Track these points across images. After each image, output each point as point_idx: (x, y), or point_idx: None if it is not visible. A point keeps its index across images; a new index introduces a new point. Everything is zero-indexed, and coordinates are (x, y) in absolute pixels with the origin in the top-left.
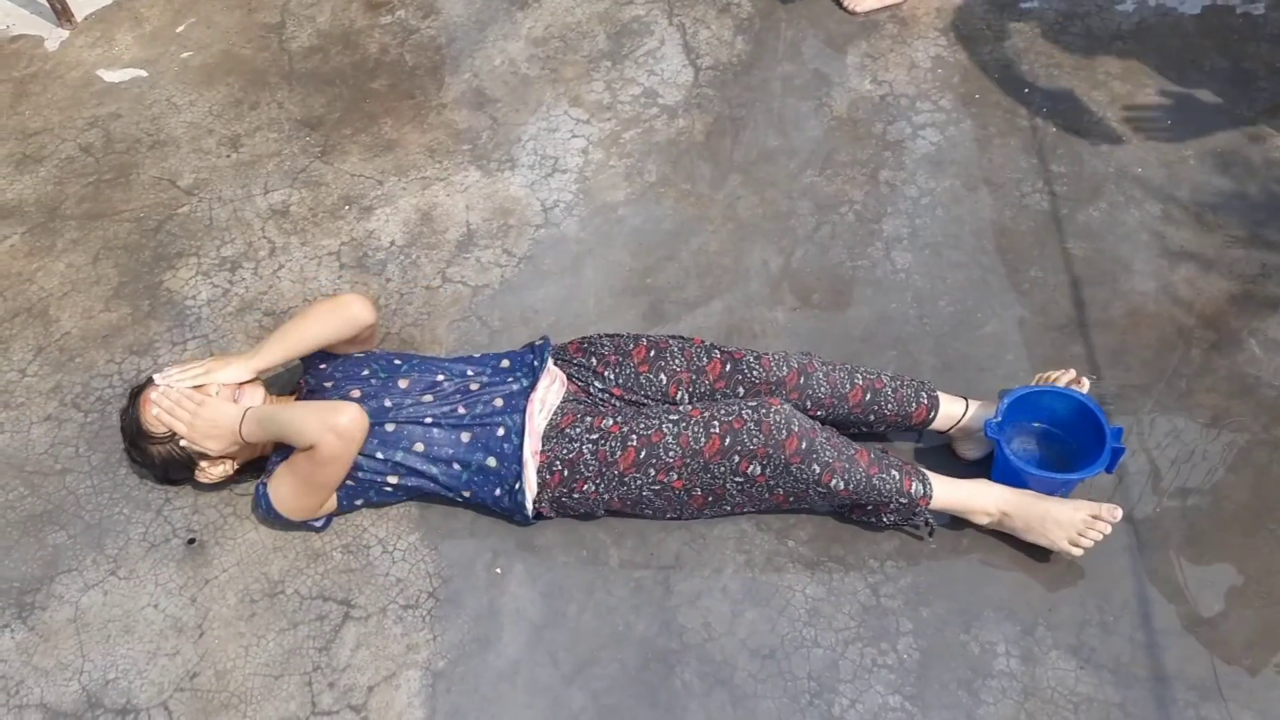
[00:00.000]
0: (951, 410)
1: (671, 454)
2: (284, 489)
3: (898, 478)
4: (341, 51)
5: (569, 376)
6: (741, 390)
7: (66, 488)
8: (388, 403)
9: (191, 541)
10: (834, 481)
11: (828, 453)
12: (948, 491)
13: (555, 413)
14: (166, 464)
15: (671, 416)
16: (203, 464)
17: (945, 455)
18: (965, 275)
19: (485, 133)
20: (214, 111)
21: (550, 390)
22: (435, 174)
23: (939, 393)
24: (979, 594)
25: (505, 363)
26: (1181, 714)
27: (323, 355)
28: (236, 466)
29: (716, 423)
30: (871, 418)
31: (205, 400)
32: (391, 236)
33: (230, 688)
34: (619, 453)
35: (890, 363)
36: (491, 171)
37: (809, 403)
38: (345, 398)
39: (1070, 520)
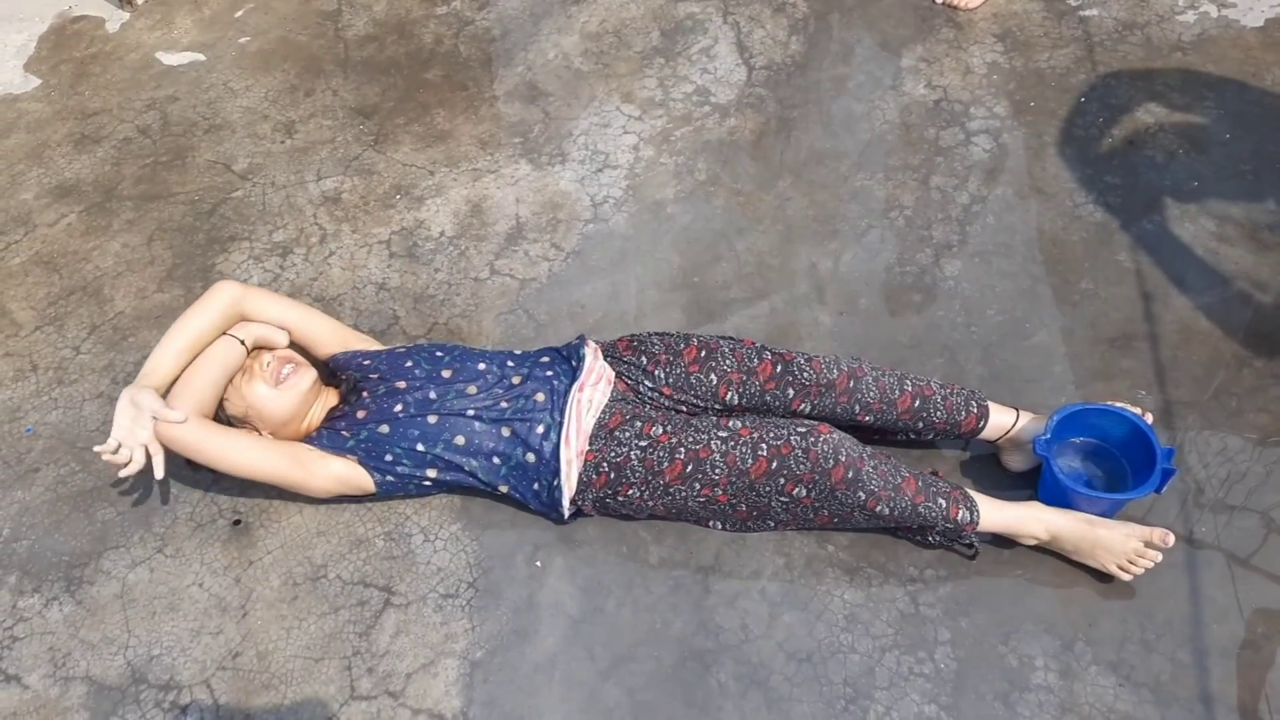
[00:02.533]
0: (1001, 420)
1: (718, 471)
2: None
3: (944, 505)
4: (397, 41)
5: (619, 374)
6: (791, 392)
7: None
8: (432, 394)
9: (237, 523)
10: (879, 508)
11: (874, 481)
12: (995, 515)
13: (604, 412)
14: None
15: (720, 434)
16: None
17: (991, 465)
18: (1015, 285)
19: (537, 126)
20: (269, 97)
21: (597, 389)
22: (486, 166)
23: (989, 402)
24: (1019, 606)
25: (545, 359)
26: None
27: (362, 351)
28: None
29: (765, 445)
30: (920, 425)
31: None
32: (441, 227)
33: (271, 668)
34: (665, 464)
35: (937, 371)
36: (542, 165)
37: (858, 407)
38: (392, 389)
39: (1121, 547)
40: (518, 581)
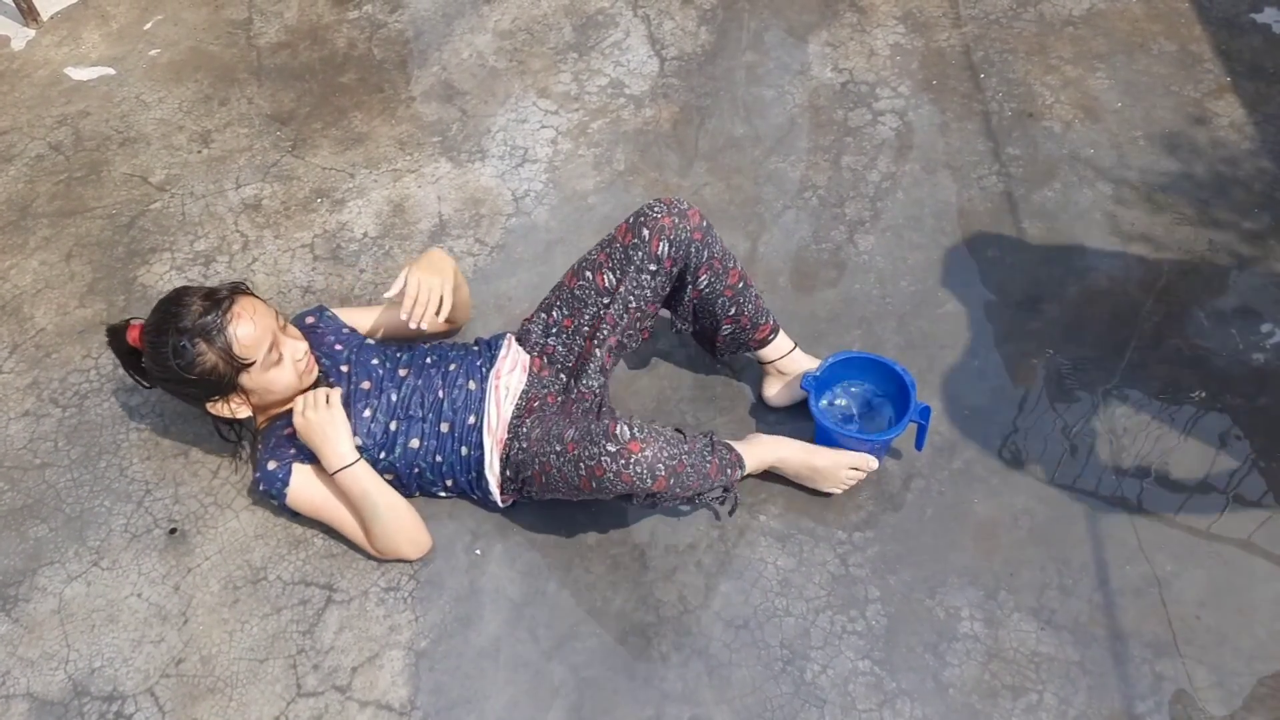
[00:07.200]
0: (782, 344)
1: (563, 487)
2: (308, 500)
3: (729, 474)
4: (310, 46)
5: (536, 353)
6: (646, 232)
7: (46, 482)
8: (394, 397)
9: (173, 531)
10: (686, 495)
11: (691, 477)
12: (749, 459)
13: (522, 397)
14: (207, 377)
15: (556, 448)
16: (234, 400)
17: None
18: (926, 256)
19: (455, 124)
20: (184, 108)
21: (513, 376)
22: (406, 166)
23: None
24: (943, 561)
25: (476, 347)
26: (1138, 670)
27: (336, 333)
28: (249, 415)
29: (583, 465)
30: (733, 310)
31: (335, 408)
32: (364, 228)
33: (216, 672)
34: (530, 470)
35: (855, 341)
36: (462, 163)
37: (706, 254)
38: (356, 389)
39: (834, 472)
40: (458, 570)
